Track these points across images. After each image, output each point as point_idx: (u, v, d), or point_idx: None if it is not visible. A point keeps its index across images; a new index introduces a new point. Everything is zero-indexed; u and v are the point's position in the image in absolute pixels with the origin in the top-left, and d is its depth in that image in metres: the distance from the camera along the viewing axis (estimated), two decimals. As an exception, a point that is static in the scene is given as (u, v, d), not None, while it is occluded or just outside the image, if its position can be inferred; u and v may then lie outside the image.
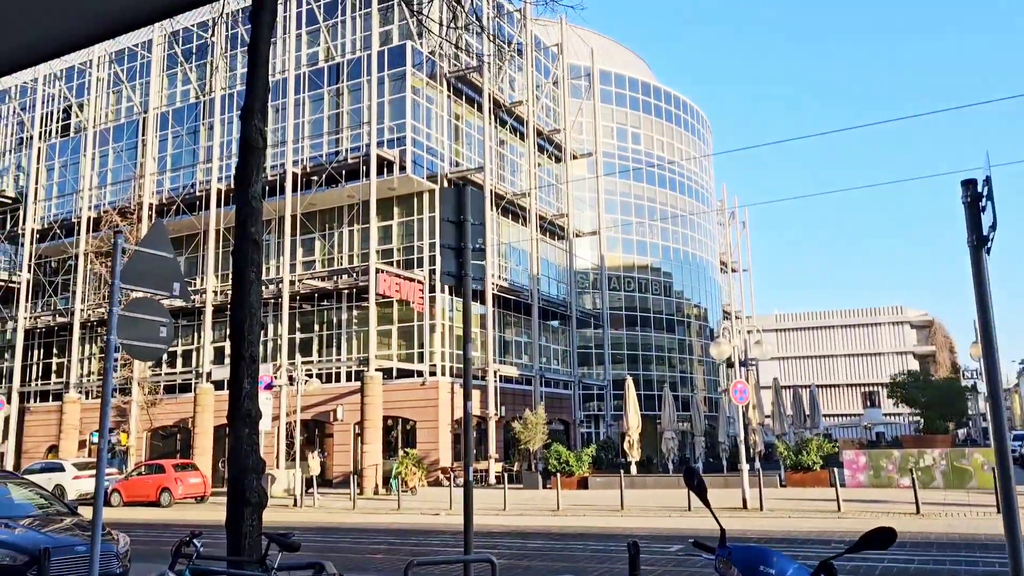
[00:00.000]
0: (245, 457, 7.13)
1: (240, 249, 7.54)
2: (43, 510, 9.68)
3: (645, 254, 53.21)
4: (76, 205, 44.09)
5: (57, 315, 43.94)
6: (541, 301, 42.49)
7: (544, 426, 32.76)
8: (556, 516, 21.79)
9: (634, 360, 51.06)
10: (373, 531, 19.29)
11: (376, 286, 33.77)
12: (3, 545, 8.19)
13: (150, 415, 39.57)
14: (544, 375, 41.78)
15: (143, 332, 8.03)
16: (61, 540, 8.62)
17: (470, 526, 7.34)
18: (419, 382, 35.48)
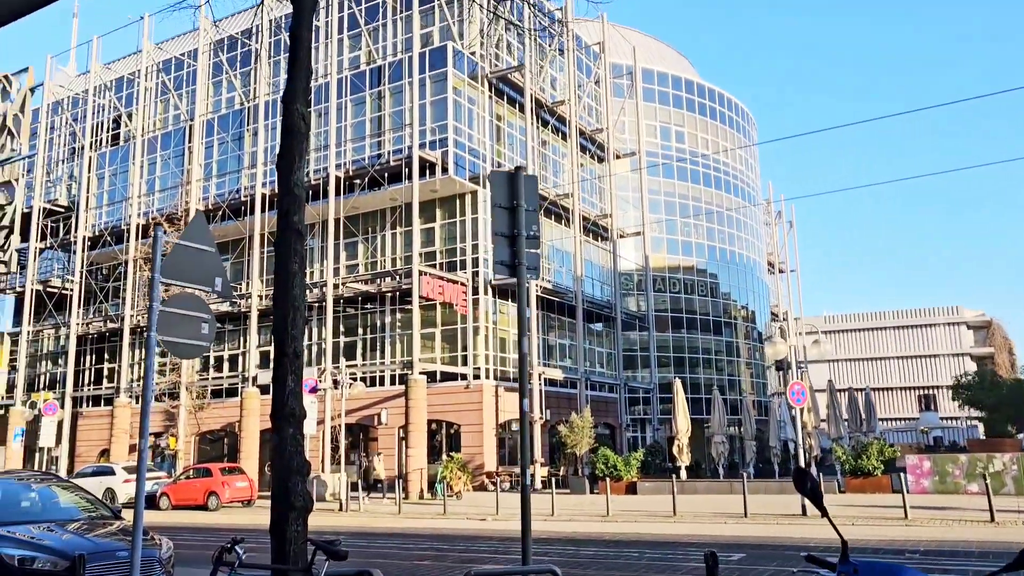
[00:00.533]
0: (289, 458, 6.74)
1: (283, 239, 7.17)
2: (89, 514, 9.44)
3: (691, 254, 52.25)
4: (125, 212, 44.75)
5: (108, 321, 44.61)
6: (585, 303, 41.87)
7: (591, 430, 32.16)
8: (606, 522, 21.21)
9: (680, 363, 50.12)
10: (419, 536, 18.92)
11: (419, 289, 33.53)
12: (45, 550, 7.93)
13: (198, 419, 39.88)
14: (589, 378, 41.14)
15: (184, 329, 7.73)
16: (103, 545, 8.34)
17: (528, 533, 6.86)
18: (463, 385, 35.15)
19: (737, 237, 55.49)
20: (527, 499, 6.92)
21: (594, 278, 45.25)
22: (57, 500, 9.60)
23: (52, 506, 9.42)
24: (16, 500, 9.35)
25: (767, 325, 59.01)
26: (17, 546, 7.98)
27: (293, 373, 6.94)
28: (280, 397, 6.88)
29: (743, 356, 54.83)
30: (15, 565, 7.76)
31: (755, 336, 57.11)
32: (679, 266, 51.54)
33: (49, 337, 48.94)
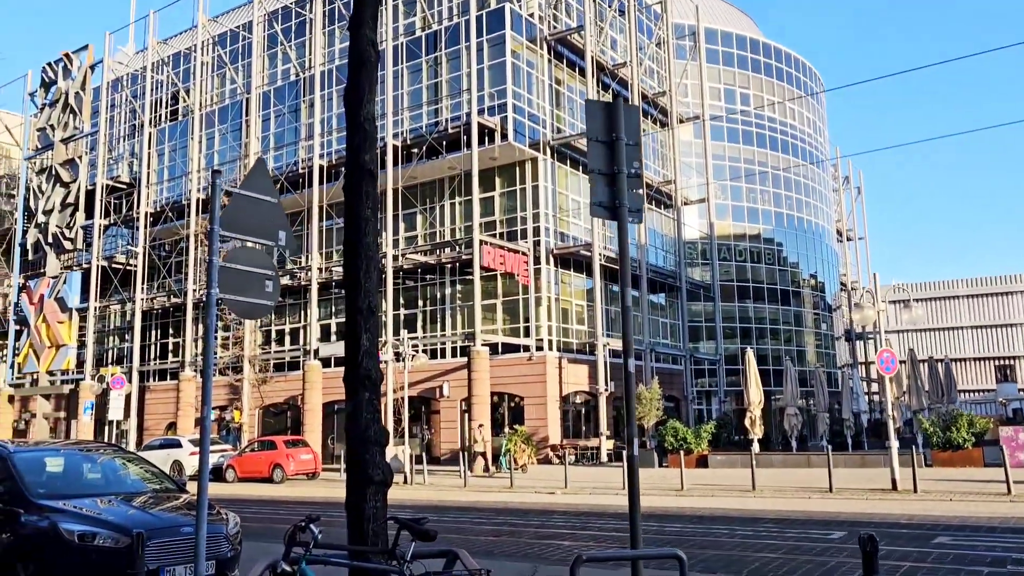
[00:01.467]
0: (366, 427, 6.00)
1: (352, 180, 6.39)
2: (153, 488, 8.93)
3: (756, 221, 50.42)
4: (185, 188, 44.98)
5: (171, 296, 45.07)
6: (649, 272, 40.62)
7: (659, 401, 31.15)
8: (681, 496, 20.29)
9: (746, 334, 48.57)
10: (489, 510, 18.28)
11: (480, 259, 32.80)
12: (106, 525, 7.40)
13: (261, 393, 40.05)
14: (654, 350, 40.01)
15: (247, 286, 7.04)
16: (167, 520, 7.79)
17: (636, 512, 6.00)
18: (525, 357, 34.43)
19: (805, 203, 53.35)
20: (635, 472, 6.06)
21: (657, 247, 43.94)
22: (122, 473, 9.11)
23: (116, 479, 8.93)
24: (80, 472, 8.89)
25: (836, 295, 56.86)
26: (78, 521, 7.46)
27: (368, 331, 6.18)
28: (354, 357, 6.12)
29: (810, 326, 52.91)
30: (75, 541, 7.24)
31: (823, 306, 55.07)
32: (744, 234, 49.78)
33: (115, 313, 49.79)
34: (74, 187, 48.35)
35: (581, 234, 37.77)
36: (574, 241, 37.04)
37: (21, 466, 8.22)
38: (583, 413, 36.94)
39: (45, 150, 50.98)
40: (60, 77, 50.75)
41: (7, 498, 7.83)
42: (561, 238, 36.72)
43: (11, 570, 7.47)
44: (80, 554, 7.21)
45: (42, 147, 51.41)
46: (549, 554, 11.08)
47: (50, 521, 7.42)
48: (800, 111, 54.61)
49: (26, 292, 50.21)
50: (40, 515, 7.56)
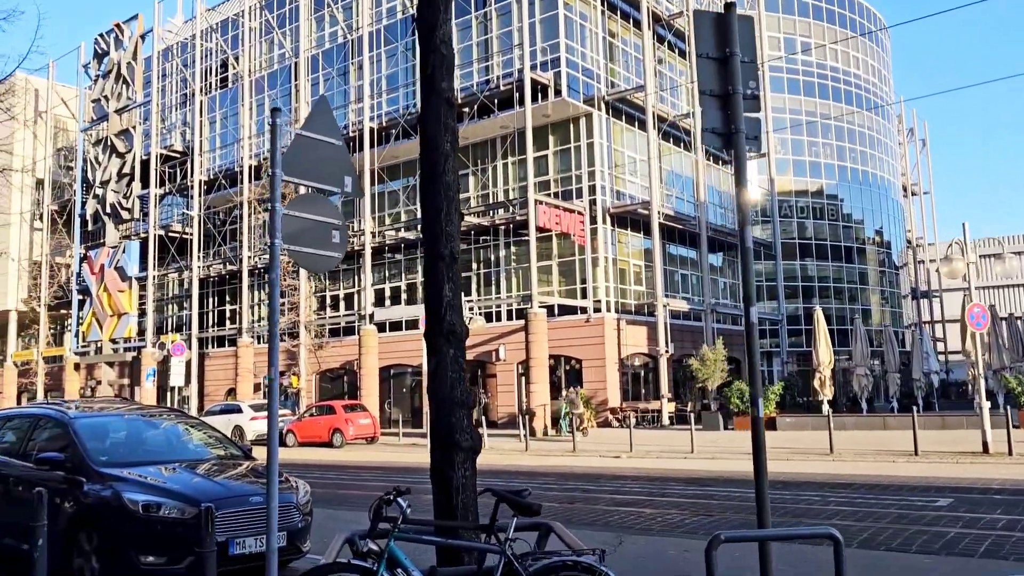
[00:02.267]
0: (451, 387, 5.36)
1: (429, 112, 5.69)
2: (218, 454, 8.47)
3: (819, 176, 48.51)
4: (237, 155, 44.91)
5: (227, 263, 45.29)
6: (709, 231, 39.32)
7: (723, 363, 30.17)
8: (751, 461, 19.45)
9: (808, 293, 47.05)
10: (557, 475, 17.73)
11: (535, 219, 31.98)
12: (172, 495, 6.93)
13: (318, 358, 40.11)
14: (715, 309, 38.86)
15: (312, 236, 6.42)
16: (235, 489, 7.30)
17: (763, 481, 5.25)
18: (583, 319, 33.67)
19: (869, 155, 51.13)
20: (760, 435, 5.31)
21: (716, 204, 42.54)
22: (185, 439, 8.67)
23: (180, 445, 8.49)
24: (141, 439, 8.46)
25: (902, 252, 54.69)
26: (142, 490, 7.00)
27: (451, 280, 5.51)
28: (436, 310, 5.47)
29: (875, 285, 51.01)
30: (139, 512, 6.79)
31: (889, 262, 53.02)
32: (806, 190, 47.96)
33: (173, 281, 50.36)
34: (129, 157, 48.74)
35: (638, 192, 36.65)
36: (631, 199, 35.95)
37: (83, 433, 7.81)
38: (642, 376, 36.16)
39: (100, 121, 51.42)
40: (112, 48, 50.96)
41: (69, 466, 7.42)
42: (617, 196, 35.66)
43: (73, 540, 7.09)
44: (144, 525, 6.77)
45: (97, 118, 51.86)
46: (631, 522, 10.44)
47: (113, 490, 6.99)
48: (863, 59, 52.15)
49: (87, 262, 51.06)
50: (103, 484, 7.14)
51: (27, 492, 7.88)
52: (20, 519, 7.96)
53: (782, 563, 6.27)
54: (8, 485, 8.11)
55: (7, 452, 8.57)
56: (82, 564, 6.99)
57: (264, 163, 41.57)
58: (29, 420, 8.54)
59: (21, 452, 8.23)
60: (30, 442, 8.26)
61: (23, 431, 8.48)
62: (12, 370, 56.74)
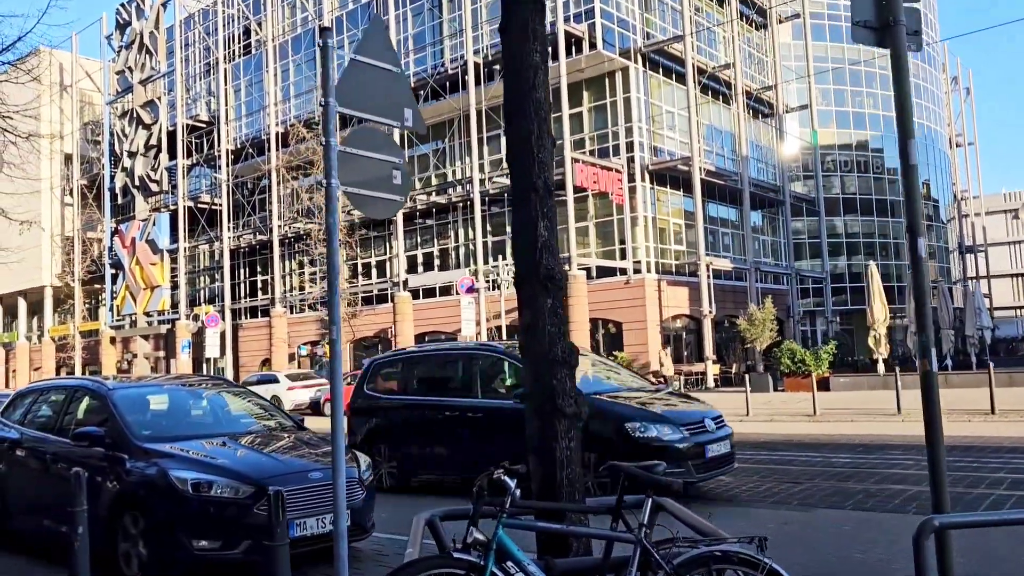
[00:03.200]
0: (551, 343, 4.52)
1: (513, 18, 4.78)
2: (267, 425, 7.76)
3: (862, 127, 46.71)
4: (264, 122, 44.16)
5: (257, 233, 44.79)
6: (751, 187, 37.97)
7: (772, 322, 29.11)
8: (816, 422, 18.56)
9: (853, 249, 45.57)
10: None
11: (572, 178, 30.93)
12: (224, 472, 6.21)
13: (352, 327, 39.59)
14: (759, 268, 37.66)
15: (372, 176, 5.60)
16: (293, 464, 6.57)
17: (939, 449, 4.36)
18: (622, 280, 32.72)
19: (917, 105, 49.03)
20: (932, 390, 4.43)
21: (757, 159, 41.09)
22: (231, 409, 7.95)
23: (226, 417, 7.77)
24: (185, 410, 7.76)
25: (949, 205, 52.81)
26: (190, 467, 6.29)
27: (545, 217, 4.66)
28: (529, 252, 4.62)
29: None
30: (188, 491, 6.08)
31: (936, 215, 51.22)
32: (850, 143, 46.21)
33: (204, 253, 50.05)
34: (155, 128, 48.23)
35: (676, 148, 35.38)
36: (670, 156, 34.71)
37: (123, 405, 7.11)
38: (683, 338, 35.21)
39: (125, 93, 50.89)
40: (134, 18, 50.24)
41: (109, 442, 6.73)
42: (655, 153, 34.44)
43: (117, 523, 6.41)
44: (195, 505, 6.06)
45: (122, 90, 51.33)
46: (720, 492, 9.63)
47: (159, 468, 6.28)
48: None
49: (118, 236, 50.90)
50: (147, 461, 6.44)
51: (65, 470, 7.23)
52: (58, 499, 7.32)
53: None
54: (45, 463, 7.48)
55: (43, 427, 7.93)
56: (128, 549, 6.32)
57: (291, 129, 40.78)
58: (65, 392, 7.87)
59: (57, 427, 7.58)
60: (66, 416, 7.61)
61: (59, 405, 7.83)
62: (50, 345, 57.13)
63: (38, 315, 60.67)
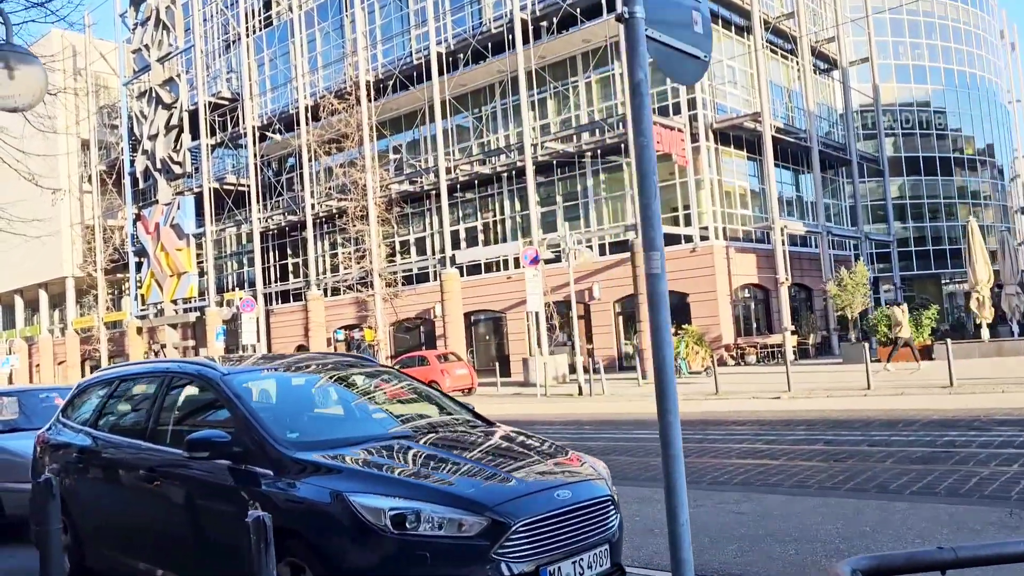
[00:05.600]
0: None
1: None
2: (444, 420, 5.49)
3: (923, 81, 43.92)
4: (291, 96, 41.91)
5: (287, 213, 42.66)
6: (820, 146, 35.40)
7: (866, 287, 26.70)
8: (952, 395, 16.27)
9: (918, 211, 42.96)
10: (734, 423, 14.73)
11: (636, 138, 28.48)
12: (435, 496, 4.02)
13: (394, 307, 37.48)
14: (830, 232, 35.20)
15: (672, 16, 3.43)
16: (527, 482, 4.33)
17: None
18: (688, 248, 30.39)
19: (976, 56, 46.27)
20: None
21: (820, 117, 38.50)
22: (392, 400, 5.73)
23: (390, 410, 5.55)
24: (335, 403, 5.56)
25: (1013, 161, 50.02)
26: (381, 489, 4.09)
27: None
28: None
29: (987, 199, 46.66)
30: (387, 528, 3.89)
31: (998, 173, 48.47)
32: (911, 98, 43.46)
33: (231, 237, 48.03)
34: (176, 108, 46.08)
35: (739, 106, 32.90)
36: (734, 113, 32.22)
37: (251, 398, 4.95)
38: (752, 308, 32.90)
39: (142, 72, 48.75)
40: (148, -8, 47.98)
41: (238, 451, 4.55)
42: (716, 111, 31.96)
43: None
44: (398, 550, 3.87)
45: (139, 70, 49.19)
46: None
47: (331, 491, 4.09)
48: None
49: (141, 222, 48.95)
50: (305, 480, 4.25)
51: (169, 493, 5.08)
52: (162, 533, 5.17)
53: None
54: (135, 480, 5.31)
55: (125, 430, 5.77)
56: (288, 620, 4.16)
57: (321, 101, 38.47)
58: (156, 382, 5.68)
59: (149, 431, 5.41)
60: (161, 414, 5.43)
61: (148, 399, 5.65)
62: (74, 338, 55.44)
63: (60, 307, 59.00)
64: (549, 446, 5.00)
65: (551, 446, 5.00)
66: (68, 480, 5.98)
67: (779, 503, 7.41)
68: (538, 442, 5.05)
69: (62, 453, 6.24)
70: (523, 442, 5.00)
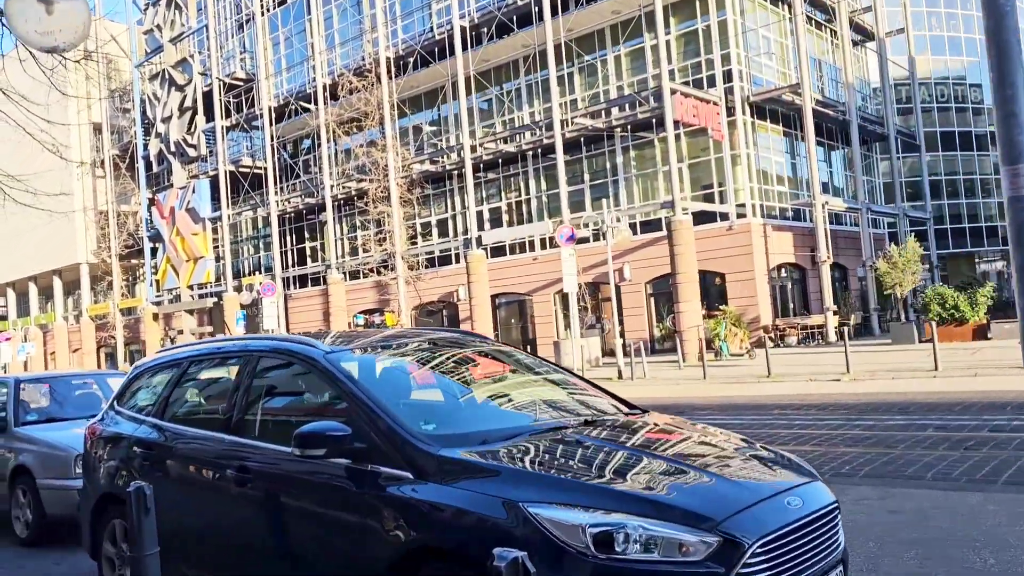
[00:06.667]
0: None
1: None
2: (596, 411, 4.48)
3: (958, 52, 42.52)
4: (308, 75, 40.86)
5: (305, 196, 41.70)
6: (859, 120, 34.16)
7: (916, 264, 25.62)
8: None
9: (952, 188, 41.71)
10: (805, 407, 13.78)
11: (672, 111, 27.40)
12: (642, 505, 3.08)
13: (417, 290, 36.57)
14: (871, 208, 34.05)
15: None
16: (759, 489, 3.35)
17: None
18: (724, 226, 29.33)
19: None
20: None
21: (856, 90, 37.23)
22: (521, 383, 4.79)
23: (521, 396, 4.61)
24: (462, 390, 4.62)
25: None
26: (568, 499, 3.13)
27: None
28: None
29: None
30: (586, 550, 2.93)
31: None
32: (946, 73, 42.09)
33: (246, 220, 47.15)
34: (189, 90, 45.07)
35: (774, 79, 31.73)
36: (772, 86, 31.04)
37: (370, 382, 4.04)
38: (789, 288, 31.85)
39: (155, 54, 47.75)
40: (160, -29, 46.88)
41: (364, 450, 3.63)
42: (754, 84, 30.80)
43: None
44: None
45: (151, 51, 48.20)
46: None
47: (502, 501, 3.14)
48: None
49: (156, 206, 48.09)
50: (456, 485, 3.33)
51: (266, 499, 4.16)
52: (255, 552, 4.25)
53: None
54: (224, 484, 4.38)
55: (204, 422, 4.87)
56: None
57: (340, 80, 37.41)
58: (237, 364, 4.74)
59: (233, 422, 4.47)
60: (248, 402, 4.50)
61: (232, 385, 4.70)
62: (89, 325, 54.78)
63: (74, 294, 58.34)
64: (730, 437, 4.07)
65: (736, 437, 4.06)
66: (128, 479, 5.09)
67: (933, 499, 6.46)
68: (721, 432, 4.11)
69: (120, 448, 5.34)
70: (706, 430, 4.06)
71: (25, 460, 7.96)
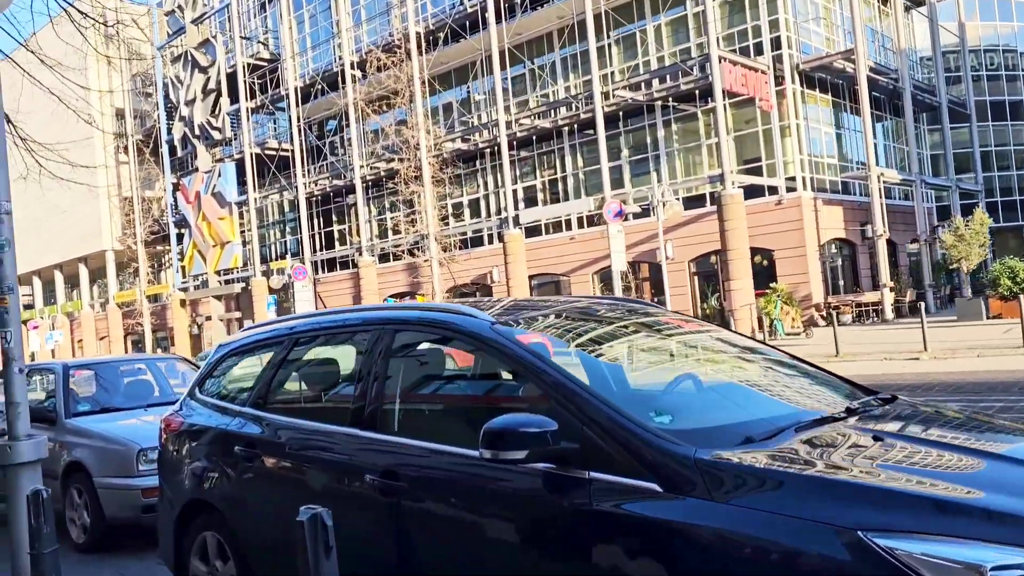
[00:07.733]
0: None
1: None
2: (841, 396, 3.50)
3: (1008, 18, 40.80)
4: (334, 53, 39.86)
5: (333, 178, 40.81)
6: (912, 88, 32.72)
7: (984, 236, 24.36)
8: None
9: (1003, 160, 40.14)
10: (910, 387, 12.74)
11: (721, 80, 26.18)
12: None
13: (451, 272, 35.65)
14: (925, 180, 32.68)
15: None
16: None
17: None
18: (773, 200, 28.14)
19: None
20: None
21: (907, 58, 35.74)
22: (762, 370, 3.80)
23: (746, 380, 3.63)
24: (656, 371, 3.64)
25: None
26: (913, 524, 2.12)
27: None
28: None
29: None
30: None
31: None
32: (995, 39, 40.40)
33: (272, 204, 46.39)
34: (213, 71, 44.22)
35: (823, 46, 30.36)
36: (822, 53, 29.68)
37: (595, 370, 3.10)
38: (839, 264, 30.66)
39: (177, 35, 46.95)
40: (180, -49, 45.97)
41: (577, 451, 2.65)
42: (803, 51, 29.47)
43: None
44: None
45: (173, 32, 47.39)
46: None
47: (838, 529, 2.15)
48: None
49: (181, 191, 47.44)
50: (735, 502, 2.33)
51: (428, 512, 3.16)
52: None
53: None
54: (363, 491, 3.40)
55: (322, 414, 3.93)
56: None
57: (368, 58, 36.36)
58: (365, 341, 3.75)
59: (366, 413, 3.51)
60: (385, 388, 3.53)
61: (360, 368, 3.72)
62: (116, 312, 54.40)
63: (100, 281, 58.00)
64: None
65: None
66: (222, 484, 4.19)
67: None
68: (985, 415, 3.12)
69: (208, 444, 4.43)
70: (974, 413, 3.08)
71: (79, 456, 7.11)
